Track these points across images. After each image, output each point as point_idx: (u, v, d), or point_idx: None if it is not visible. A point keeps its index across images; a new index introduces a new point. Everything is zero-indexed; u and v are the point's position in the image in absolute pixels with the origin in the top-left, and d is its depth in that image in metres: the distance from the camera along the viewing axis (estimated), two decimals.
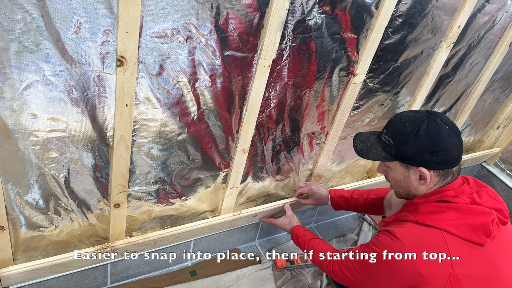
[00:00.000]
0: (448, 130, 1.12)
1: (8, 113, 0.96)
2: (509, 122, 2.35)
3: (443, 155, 1.10)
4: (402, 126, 1.15)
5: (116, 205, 1.27)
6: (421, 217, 1.11)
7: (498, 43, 1.82)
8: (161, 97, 1.14)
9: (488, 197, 1.15)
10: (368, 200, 1.57)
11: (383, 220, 1.26)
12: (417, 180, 1.15)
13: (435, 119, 1.13)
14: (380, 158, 1.19)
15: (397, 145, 1.14)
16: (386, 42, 1.46)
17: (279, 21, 1.15)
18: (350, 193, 1.63)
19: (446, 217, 1.09)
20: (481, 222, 1.08)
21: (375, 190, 1.60)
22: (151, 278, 1.58)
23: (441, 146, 1.10)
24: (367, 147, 1.23)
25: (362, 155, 1.23)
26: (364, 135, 1.28)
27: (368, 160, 1.40)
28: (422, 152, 1.11)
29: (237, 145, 1.39)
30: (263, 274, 1.69)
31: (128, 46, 0.98)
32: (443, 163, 1.12)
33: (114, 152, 1.15)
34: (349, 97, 1.53)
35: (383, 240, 1.13)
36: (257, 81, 1.25)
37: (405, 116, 1.17)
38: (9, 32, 0.86)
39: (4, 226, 1.13)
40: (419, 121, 1.13)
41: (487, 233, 1.08)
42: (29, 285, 1.31)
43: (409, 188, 1.18)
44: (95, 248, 1.32)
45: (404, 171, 1.17)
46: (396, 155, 1.15)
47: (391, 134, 1.17)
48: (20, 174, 1.08)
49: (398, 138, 1.14)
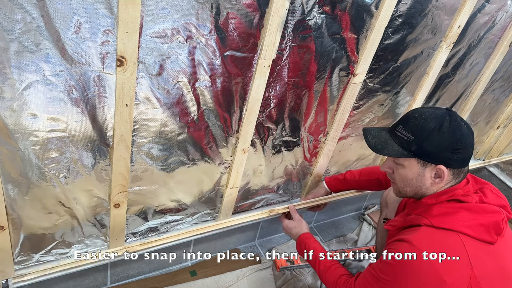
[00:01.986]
0: (466, 129, 1.11)
1: (8, 113, 0.96)
2: (509, 122, 2.35)
3: (463, 153, 1.09)
4: (423, 121, 1.11)
5: (116, 205, 1.27)
6: (436, 220, 1.07)
7: (498, 43, 1.82)
8: (161, 97, 1.14)
9: (492, 195, 1.15)
10: (360, 181, 1.65)
11: (387, 223, 1.23)
12: (431, 178, 1.12)
13: (455, 117, 1.11)
14: (397, 155, 1.14)
15: (419, 141, 1.10)
16: (386, 42, 1.46)
17: (279, 21, 1.15)
18: (343, 176, 1.69)
19: (460, 218, 1.07)
20: (493, 221, 1.07)
21: (366, 171, 1.64)
22: (151, 278, 1.58)
23: (463, 144, 1.09)
24: (381, 142, 1.17)
25: (377, 150, 1.18)
26: (374, 130, 1.23)
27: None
28: (444, 149, 1.08)
29: (237, 145, 1.39)
30: (263, 274, 1.69)
31: (128, 46, 0.98)
32: (461, 161, 1.10)
33: (114, 152, 1.15)
34: (349, 97, 1.53)
35: (400, 251, 1.07)
36: (257, 81, 1.25)
37: (425, 112, 1.13)
38: (9, 32, 0.86)
39: (4, 226, 1.13)
40: (441, 117, 1.10)
41: (498, 231, 1.07)
42: (29, 285, 1.31)
43: (420, 187, 1.15)
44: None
45: (420, 169, 1.12)
46: (416, 151, 1.11)
47: (411, 130, 1.12)
48: (20, 174, 1.08)
49: (419, 134, 1.10)
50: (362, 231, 2.06)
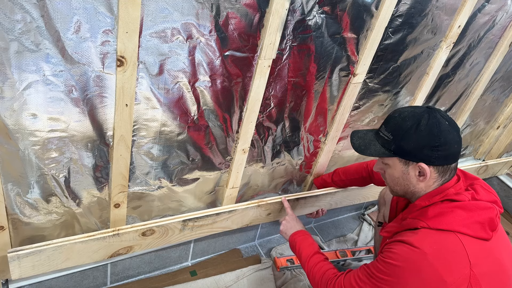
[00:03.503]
0: (448, 125, 1.11)
1: (8, 113, 0.96)
2: (509, 122, 2.35)
3: (444, 150, 1.09)
4: (401, 121, 1.13)
5: (116, 205, 1.27)
6: (432, 222, 1.08)
7: (498, 43, 1.82)
8: (161, 97, 1.14)
9: (483, 191, 1.15)
10: (346, 181, 1.68)
11: (383, 229, 1.22)
12: (416, 176, 1.13)
13: (435, 114, 1.11)
14: (378, 154, 1.17)
15: (397, 140, 1.12)
16: (386, 42, 1.46)
17: (279, 21, 1.15)
18: (330, 178, 1.72)
19: (456, 217, 1.07)
20: (488, 218, 1.08)
21: (352, 171, 1.66)
22: (151, 278, 1.58)
23: (442, 141, 1.09)
24: (365, 143, 1.20)
25: (360, 151, 1.21)
26: (361, 132, 1.26)
27: (366, 156, 1.38)
28: (422, 147, 1.09)
29: (237, 145, 1.39)
30: (263, 274, 1.69)
31: (128, 46, 0.98)
32: (443, 159, 1.11)
33: (114, 152, 1.15)
34: (349, 97, 1.53)
35: (401, 251, 1.07)
36: (257, 81, 1.25)
37: (404, 112, 1.15)
38: (9, 32, 0.86)
39: (4, 226, 1.13)
40: (419, 116, 1.11)
41: (493, 227, 1.08)
42: (29, 285, 1.31)
43: (407, 186, 1.16)
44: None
45: (403, 168, 1.14)
46: (396, 150, 1.13)
47: (390, 130, 1.14)
48: (20, 174, 1.08)
49: (397, 133, 1.12)
50: (362, 231, 2.06)
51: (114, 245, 1.29)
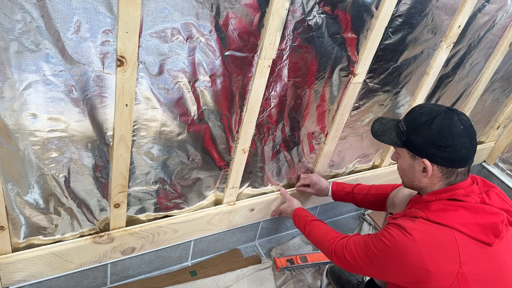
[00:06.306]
0: (462, 129, 1.11)
1: (8, 113, 0.96)
2: (509, 122, 2.35)
3: (449, 152, 1.10)
4: (418, 115, 1.17)
5: (116, 205, 1.27)
6: (432, 215, 1.10)
7: (498, 43, 1.82)
8: (161, 97, 1.14)
9: (497, 198, 1.16)
10: (368, 196, 1.59)
11: (390, 216, 1.25)
12: (420, 172, 1.16)
13: (451, 115, 1.13)
14: (390, 142, 1.22)
15: (409, 133, 1.16)
16: (386, 42, 1.46)
17: (279, 21, 1.15)
18: (351, 187, 1.63)
19: (458, 216, 1.08)
20: (492, 222, 1.07)
21: (376, 186, 1.60)
22: (151, 278, 1.58)
23: (449, 143, 1.10)
24: (383, 130, 1.25)
25: (376, 136, 1.26)
26: (385, 119, 1.30)
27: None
28: (429, 144, 1.12)
29: (237, 145, 1.39)
30: (263, 274, 1.69)
31: (128, 46, 0.98)
32: (448, 160, 1.12)
33: (114, 152, 1.15)
34: (349, 97, 1.53)
35: (394, 233, 1.11)
36: (257, 81, 1.25)
37: (424, 107, 1.19)
38: (9, 32, 0.86)
39: (4, 226, 1.13)
40: (436, 113, 1.14)
41: (496, 233, 1.08)
42: (29, 285, 1.31)
43: (412, 179, 1.19)
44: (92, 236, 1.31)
45: (410, 161, 1.18)
46: (406, 142, 1.17)
47: (407, 122, 1.19)
48: (20, 174, 1.08)
49: (411, 126, 1.17)
50: (362, 231, 2.06)
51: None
